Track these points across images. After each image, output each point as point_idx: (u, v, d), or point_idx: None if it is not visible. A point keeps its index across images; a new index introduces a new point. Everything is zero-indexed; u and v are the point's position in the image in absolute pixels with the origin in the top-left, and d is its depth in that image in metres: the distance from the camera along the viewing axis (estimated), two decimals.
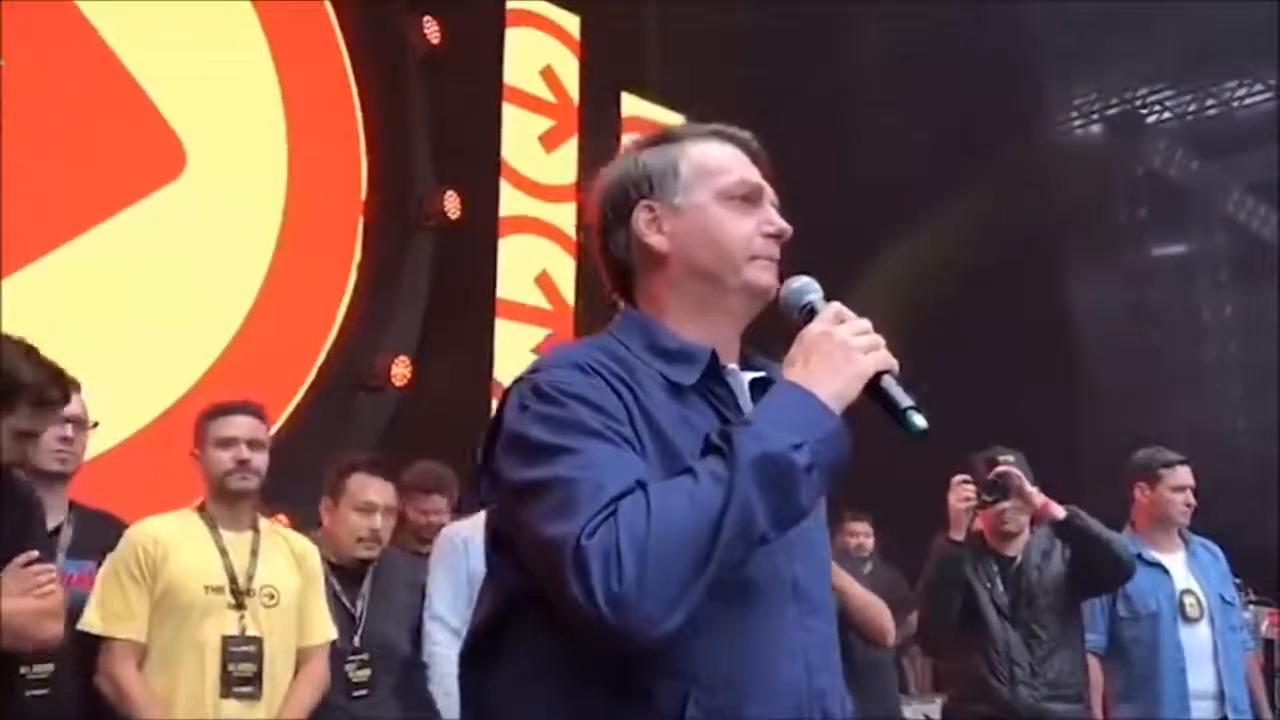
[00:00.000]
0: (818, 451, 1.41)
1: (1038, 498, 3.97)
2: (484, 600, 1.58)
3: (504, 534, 1.52)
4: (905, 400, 1.50)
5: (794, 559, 1.54)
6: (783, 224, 1.66)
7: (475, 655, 1.56)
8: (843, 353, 1.48)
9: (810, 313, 1.58)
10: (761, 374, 1.64)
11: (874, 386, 1.50)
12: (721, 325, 1.64)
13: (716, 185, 1.65)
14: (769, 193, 1.68)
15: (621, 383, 1.51)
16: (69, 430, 3.22)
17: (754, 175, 1.68)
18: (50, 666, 2.98)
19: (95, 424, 3.34)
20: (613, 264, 1.71)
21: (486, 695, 1.53)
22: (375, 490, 3.71)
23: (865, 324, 1.53)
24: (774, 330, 1.68)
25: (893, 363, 1.51)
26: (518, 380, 1.55)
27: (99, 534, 3.29)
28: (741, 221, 1.63)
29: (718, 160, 1.67)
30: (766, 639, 1.48)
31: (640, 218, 1.65)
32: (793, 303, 1.62)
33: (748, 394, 1.62)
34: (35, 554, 2.67)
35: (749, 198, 1.65)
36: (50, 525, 3.16)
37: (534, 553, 1.41)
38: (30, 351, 2.65)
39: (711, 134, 1.72)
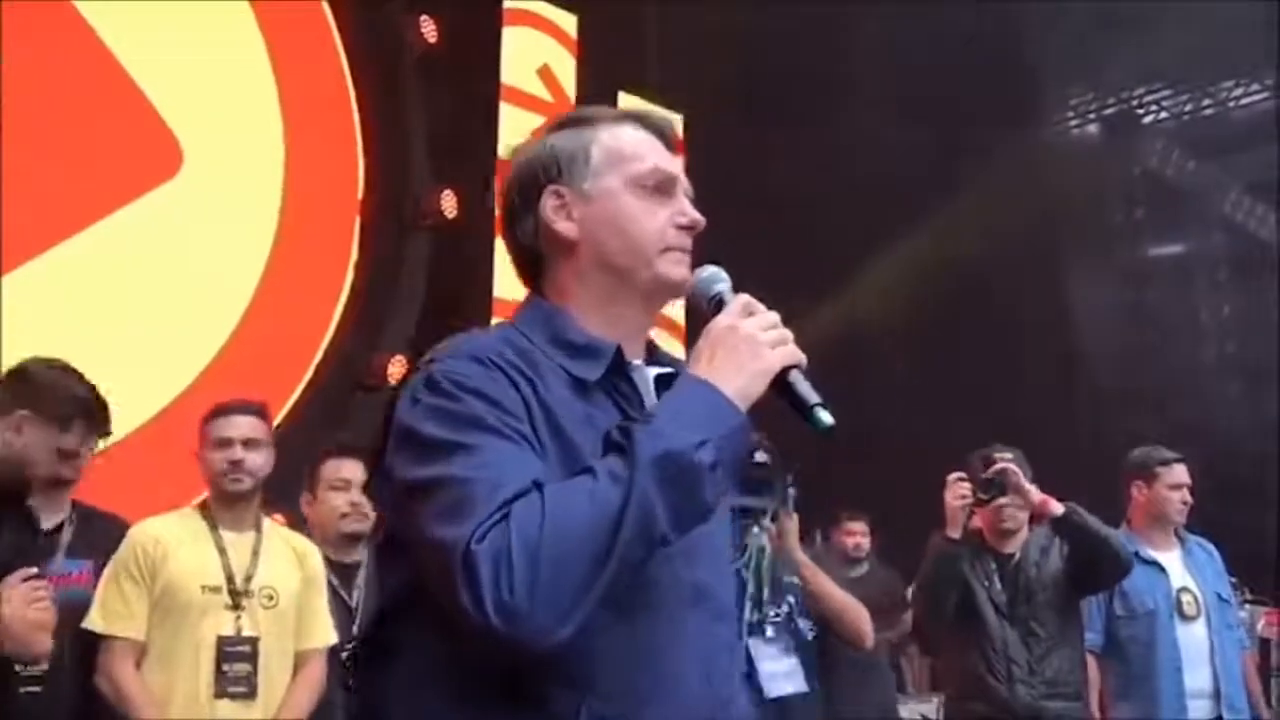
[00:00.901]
0: (722, 449, 1.36)
1: (1035, 494, 3.97)
2: (376, 603, 1.55)
3: (396, 533, 1.45)
4: (813, 397, 1.45)
5: (695, 563, 1.47)
6: (696, 215, 1.59)
7: (365, 657, 1.52)
8: (749, 347, 1.43)
9: (719, 304, 1.52)
10: (668, 370, 1.59)
11: (782, 382, 1.45)
12: (629, 318, 1.58)
13: (628, 172, 1.58)
14: (684, 182, 1.62)
15: (522, 376, 1.44)
16: None
17: (669, 164, 1.60)
18: (45, 665, 2.99)
19: (108, 433, 3.32)
20: (520, 251, 1.63)
21: (377, 698, 1.47)
22: (347, 468, 3.73)
23: (774, 317, 1.47)
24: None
25: (801, 357, 1.46)
26: (412, 370, 1.49)
27: (100, 533, 3.28)
28: (654, 212, 1.57)
29: (631, 146, 1.60)
30: (666, 645, 1.43)
31: (548, 204, 1.58)
32: (701, 292, 1.56)
33: (653, 391, 1.56)
34: (35, 570, 2.75)
35: (662, 187, 1.58)
36: (52, 524, 3.17)
37: (424, 555, 1.35)
38: (80, 376, 2.72)
39: (627, 118, 1.65)
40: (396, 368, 6.48)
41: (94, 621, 3.14)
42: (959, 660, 4.08)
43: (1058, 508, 3.95)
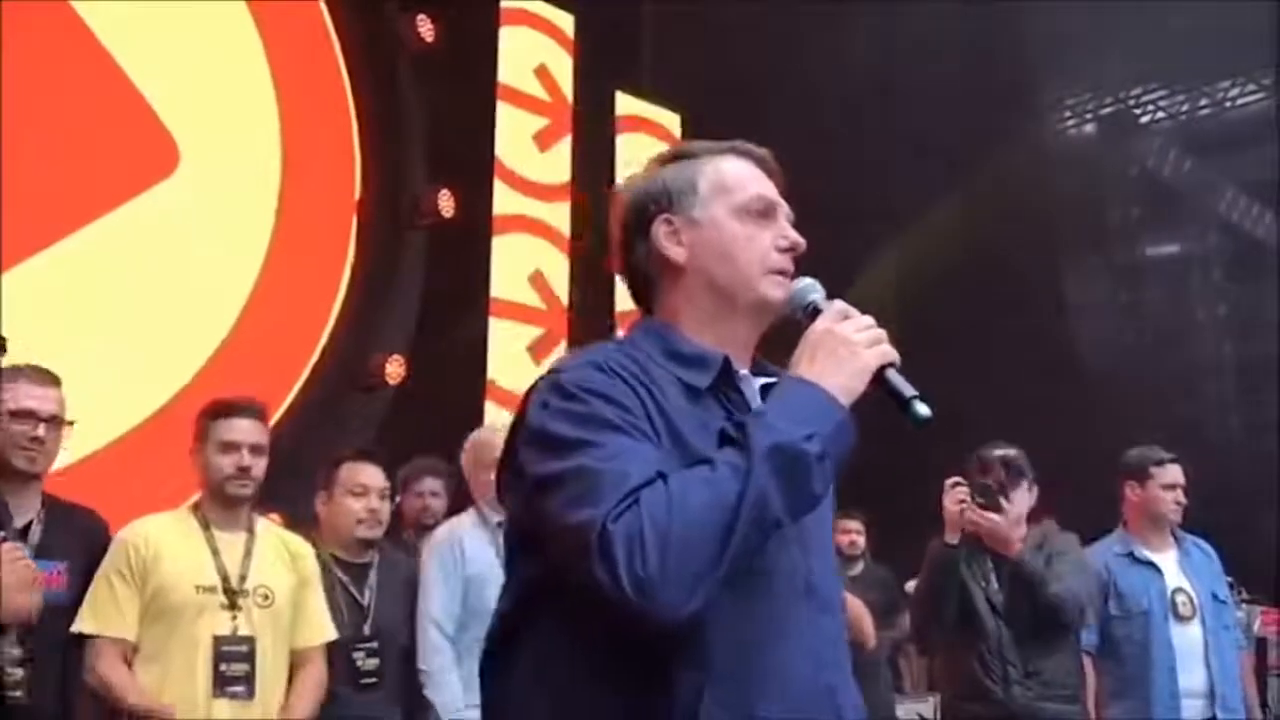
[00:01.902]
0: (828, 441, 1.47)
1: (1006, 537, 3.95)
2: (505, 594, 1.64)
3: (525, 529, 1.57)
4: (909, 390, 1.56)
5: (809, 555, 1.60)
6: (797, 238, 1.72)
7: (497, 647, 1.62)
8: (847, 348, 1.55)
9: (815, 312, 1.64)
10: (773, 380, 1.69)
11: (879, 379, 1.56)
12: (735, 335, 1.70)
13: (733, 201, 1.71)
14: (784, 208, 1.75)
15: (639, 383, 1.56)
16: (41, 430, 3.15)
17: (769, 191, 1.74)
18: (23, 670, 2.96)
19: (72, 423, 3.26)
20: (633, 275, 1.77)
21: (507, 687, 1.58)
22: (367, 474, 3.76)
23: (868, 320, 1.60)
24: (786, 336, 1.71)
25: (895, 355, 1.58)
26: (539, 380, 1.60)
27: (74, 531, 3.23)
28: (757, 236, 1.69)
29: (735, 176, 1.73)
30: (779, 633, 1.53)
31: (660, 230, 1.71)
32: (796, 302, 1.68)
33: (760, 399, 1.67)
34: (2, 534, 2.73)
35: (765, 212, 1.71)
36: (20, 522, 3.13)
37: (558, 540, 1.46)
38: None
39: (729, 150, 1.78)
40: (394, 367, 6.49)
41: (84, 622, 3.11)
42: (956, 661, 4.06)
43: (1015, 553, 3.93)
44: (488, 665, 1.63)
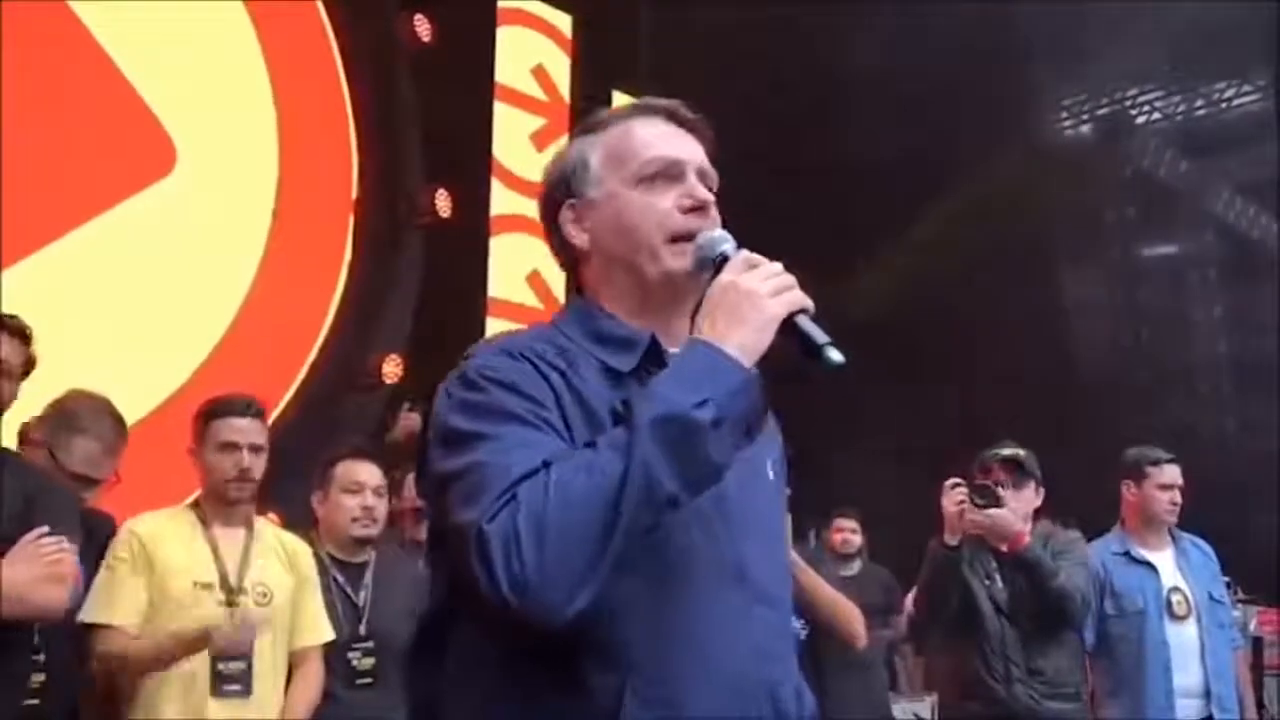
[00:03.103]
0: (725, 406, 1.36)
1: (1012, 528, 3.94)
2: (428, 595, 1.56)
3: (437, 526, 1.50)
4: (821, 337, 1.44)
5: (739, 541, 1.49)
6: (703, 194, 1.58)
7: (419, 651, 1.55)
8: (749, 302, 1.42)
9: (724, 263, 1.51)
10: None
11: (789, 328, 1.44)
12: (658, 313, 1.58)
13: (626, 170, 1.59)
14: (694, 164, 1.60)
15: (554, 369, 1.47)
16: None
17: (673, 149, 1.60)
18: (42, 676, 2.95)
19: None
20: (561, 264, 1.69)
21: (431, 691, 1.50)
22: (363, 471, 3.73)
23: (775, 267, 1.47)
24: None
25: (806, 302, 1.45)
26: (452, 370, 1.53)
27: (88, 532, 3.19)
28: (655, 203, 1.56)
29: (633, 142, 1.61)
30: (708, 626, 1.43)
31: (565, 217, 1.63)
32: (705, 256, 1.54)
33: None
34: (45, 529, 2.70)
35: (666, 173, 1.58)
36: None
37: (450, 541, 1.38)
38: None
39: (633, 112, 1.66)
40: (391, 367, 6.48)
41: (91, 613, 3.08)
42: (957, 660, 4.06)
43: (1022, 543, 3.92)
44: (412, 669, 1.55)
